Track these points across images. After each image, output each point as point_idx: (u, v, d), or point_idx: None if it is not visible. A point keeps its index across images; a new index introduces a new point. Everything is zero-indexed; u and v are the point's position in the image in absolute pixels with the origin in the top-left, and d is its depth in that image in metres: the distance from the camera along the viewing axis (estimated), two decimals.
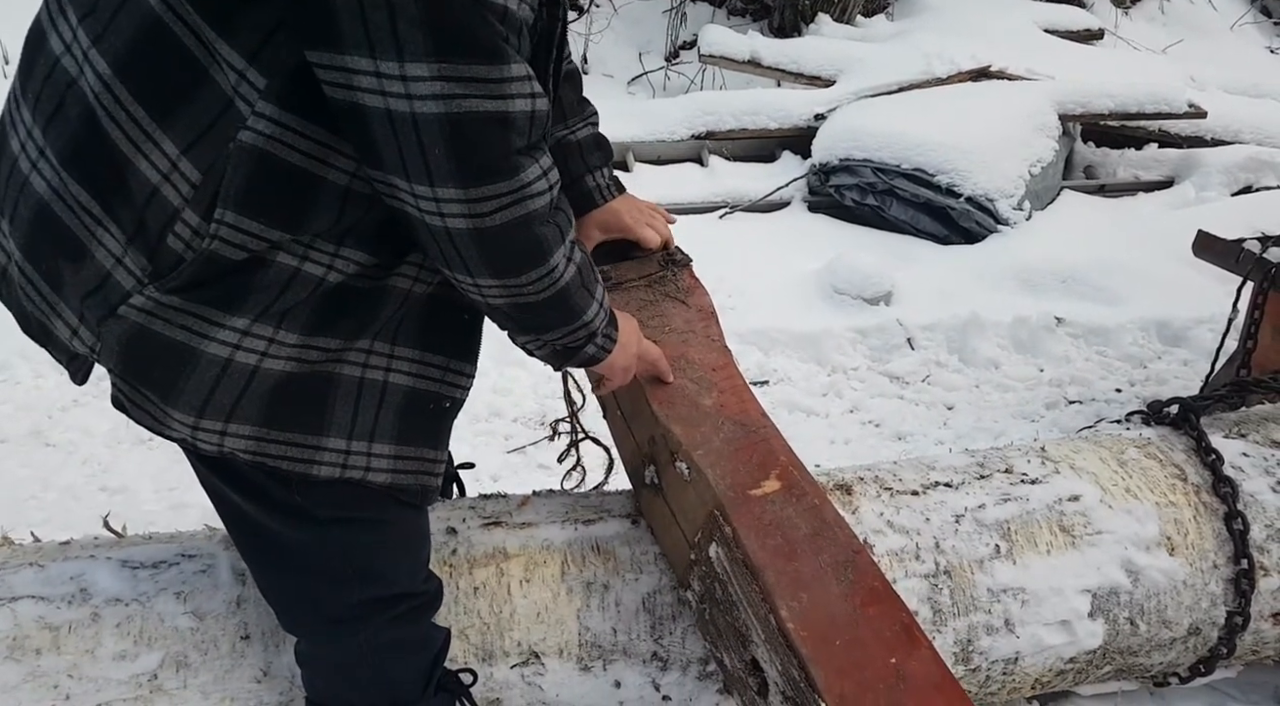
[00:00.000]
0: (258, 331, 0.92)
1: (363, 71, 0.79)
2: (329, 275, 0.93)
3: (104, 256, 0.90)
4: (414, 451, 1.07)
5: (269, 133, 0.85)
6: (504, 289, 0.95)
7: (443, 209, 0.86)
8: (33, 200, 0.92)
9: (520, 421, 2.59)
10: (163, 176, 0.87)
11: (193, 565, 1.30)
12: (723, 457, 1.25)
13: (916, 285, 3.22)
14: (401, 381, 1.04)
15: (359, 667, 1.15)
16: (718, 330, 1.42)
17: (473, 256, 0.90)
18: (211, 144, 0.85)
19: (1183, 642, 1.52)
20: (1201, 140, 4.33)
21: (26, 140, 0.93)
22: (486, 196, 0.86)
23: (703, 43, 4.55)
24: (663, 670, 1.36)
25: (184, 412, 0.94)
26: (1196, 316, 3.04)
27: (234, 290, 0.90)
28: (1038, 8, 5.40)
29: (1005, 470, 1.53)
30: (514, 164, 0.87)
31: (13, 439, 2.41)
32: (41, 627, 1.21)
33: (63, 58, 0.90)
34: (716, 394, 1.33)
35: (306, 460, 0.99)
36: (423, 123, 0.81)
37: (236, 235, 0.88)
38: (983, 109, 3.88)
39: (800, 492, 1.23)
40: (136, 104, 0.85)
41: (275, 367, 0.94)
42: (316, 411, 0.98)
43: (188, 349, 0.91)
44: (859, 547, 1.19)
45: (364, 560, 1.10)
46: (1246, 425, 1.69)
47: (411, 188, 0.85)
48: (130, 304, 0.90)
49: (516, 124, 0.85)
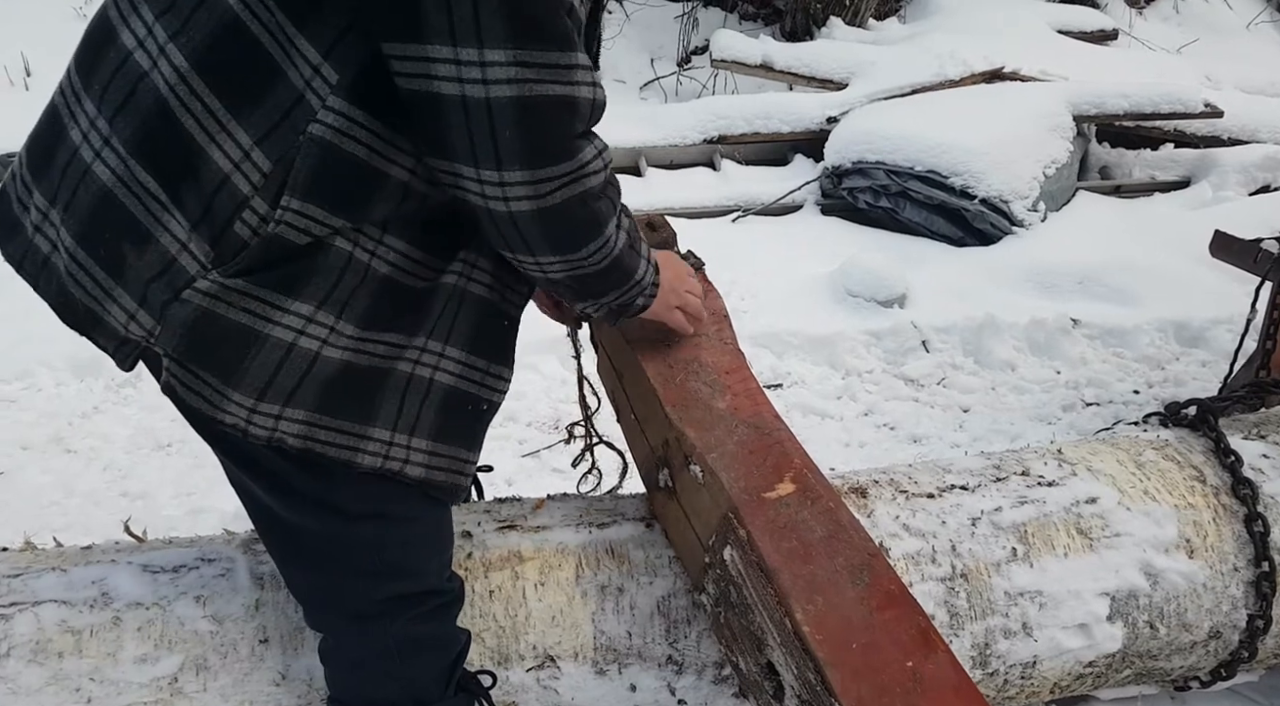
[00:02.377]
0: (321, 319, 0.96)
1: (442, 59, 0.85)
2: (373, 262, 0.97)
3: (169, 241, 0.93)
4: (448, 450, 1.11)
5: (337, 126, 0.90)
6: (565, 263, 1.02)
7: (507, 192, 0.92)
8: (95, 187, 0.95)
9: (534, 425, 2.60)
10: (234, 165, 0.91)
11: (212, 569, 1.31)
12: (736, 460, 1.25)
13: (931, 287, 3.21)
14: (446, 380, 1.08)
15: (382, 665, 1.16)
16: (730, 333, 1.42)
17: (535, 236, 0.97)
18: (283, 135, 0.90)
19: (1203, 646, 1.51)
20: (1218, 140, 4.29)
21: (89, 130, 0.96)
22: (550, 177, 0.92)
23: (714, 47, 4.55)
24: (678, 673, 1.36)
25: (244, 394, 0.96)
26: (1214, 317, 3.01)
27: (296, 274, 0.94)
28: (1051, 9, 5.38)
29: (1022, 472, 1.52)
30: (575, 146, 0.94)
31: (35, 445, 2.44)
32: (64, 631, 1.22)
33: (135, 52, 0.94)
34: (730, 397, 1.33)
35: (352, 448, 1.02)
36: (496, 107, 0.87)
37: (301, 220, 0.92)
38: (996, 110, 3.86)
39: (815, 495, 1.23)
40: (213, 96, 0.90)
41: (334, 356, 0.98)
42: (366, 401, 1.02)
43: (252, 332, 0.94)
44: (875, 550, 1.19)
45: (392, 556, 1.12)
46: (1266, 426, 1.68)
47: (478, 174, 0.91)
48: (195, 288, 0.93)
49: (580, 109, 0.92)
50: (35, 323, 2.74)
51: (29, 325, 2.72)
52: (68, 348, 2.68)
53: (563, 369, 2.75)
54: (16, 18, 4.59)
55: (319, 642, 1.21)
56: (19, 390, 2.63)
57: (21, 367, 2.68)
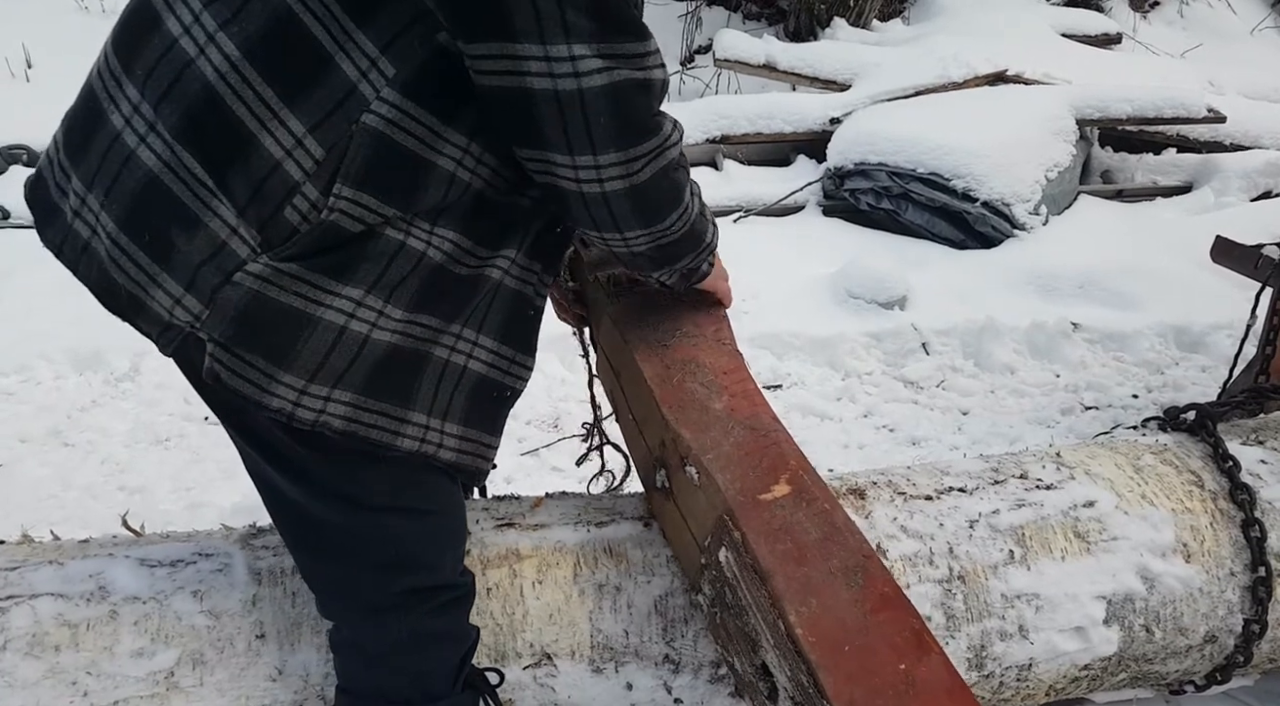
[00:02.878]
0: (370, 303, 0.98)
1: (532, 57, 0.90)
2: (429, 251, 1.00)
3: (219, 226, 0.94)
4: (475, 435, 1.14)
5: (390, 117, 0.93)
6: (649, 235, 1.09)
7: (603, 174, 0.98)
8: (140, 172, 0.95)
9: (534, 424, 2.60)
10: (286, 152, 0.93)
11: (209, 564, 1.31)
12: (732, 462, 1.25)
13: (932, 290, 3.21)
14: (478, 367, 1.11)
15: (394, 657, 1.16)
16: (729, 333, 1.42)
17: (625, 213, 1.03)
18: (335, 125, 0.92)
19: (1199, 650, 1.51)
20: (1220, 145, 4.30)
21: (133, 115, 0.96)
22: (640, 155, 0.99)
23: (718, 47, 4.55)
24: (674, 673, 1.36)
25: (295, 376, 0.97)
26: (1215, 322, 3.01)
27: (347, 260, 0.96)
28: (1054, 12, 5.38)
29: (1020, 475, 1.52)
30: (658, 122, 1.01)
31: (33, 438, 2.44)
32: (61, 625, 1.22)
33: (181, 39, 0.95)
34: (727, 397, 1.33)
35: (393, 431, 1.05)
36: (589, 97, 0.92)
37: (355, 209, 0.94)
38: (999, 113, 3.87)
39: (810, 497, 1.23)
40: (265, 84, 0.92)
41: (383, 339, 1.00)
42: (407, 385, 1.05)
43: (304, 315, 0.96)
44: (869, 552, 1.19)
45: (410, 548, 1.14)
46: (1265, 431, 1.68)
47: (573, 160, 0.96)
48: (246, 270, 0.94)
49: (656, 89, 0.99)
50: (35, 317, 2.76)
51: (28, 319, 2.72)
52: (67, 341, 2.69)
53: (563, 368, 2.75)
54: (17, 10, 4.60)
55: (329, 632, 1.21)
56: (18, 383, 2.63)
57: (20, 361, 2.68)
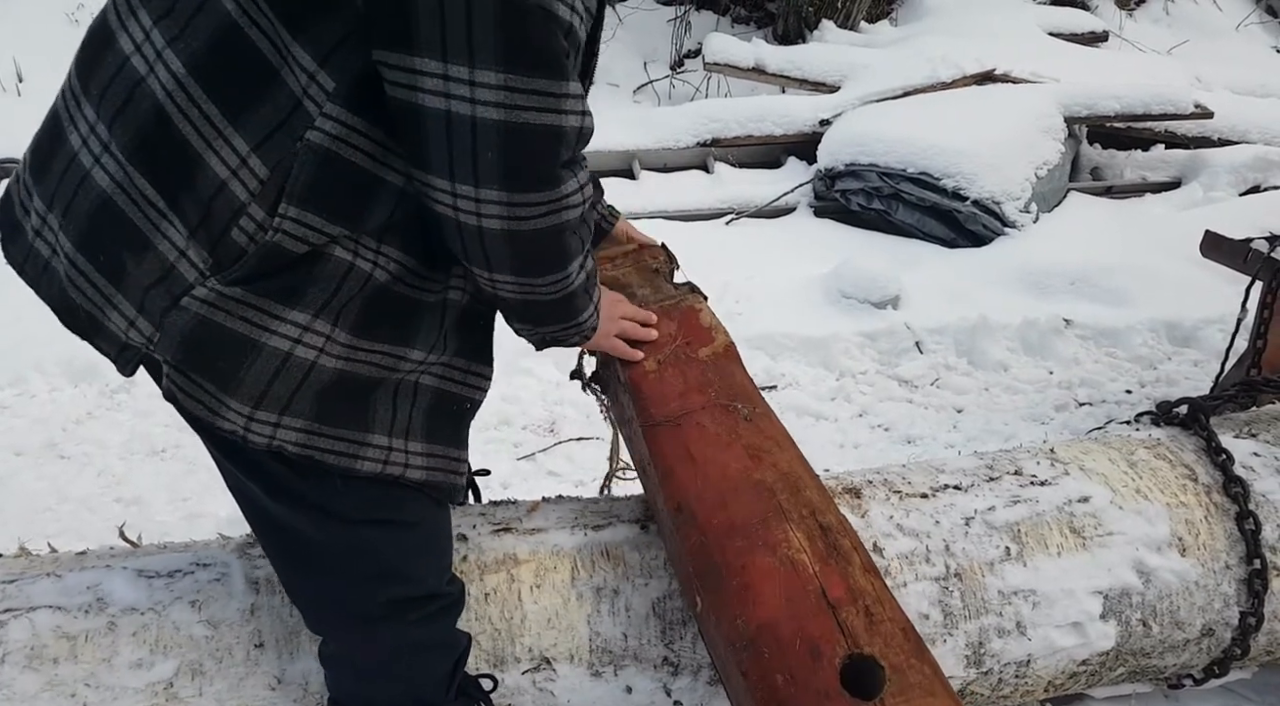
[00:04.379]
0: (317, 328, 0.96)
1: (431, 73, 0.84)
2: (375, 272, 0.97)
3: (167, 249, 0.93)
4: (441, 450, 1.12)
5: (335, 133, 0.89)
6: (519, 286, 1.01)
7: (482, 209, 0.91)
8: (94, 193, 0.95)
9: (529, 429, 2.60)
10: (231, 172, 0.90)
11: (207, 574, 1.31)
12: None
13: (924, 288, 3.22)
14: (434, 383, 1.09)
15: (384, 668, 1.16)
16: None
17: (499, 255, 0.96)
18: (280, 142, 0.89)
19: (1196, 644, 1.52)
20: (1208, 140, 4.32)
21: (89, 135, 0.96)
22: (528, 203, 0.92)
23: (707, 51, 4.57)
24: (674, 675, 1.36)
25: (241, 402, 0.96)
26: (1206, 317, 3.03)
27: (294, 283, 0.94)
28: (1042, 11, 5.41)
29: (1015, 472, 1.53)
30: (557, 176, 0.92)
31: (28, 451, 2.44)
32: (59, 637, 1.22)
33: (132, 57, 0.93)
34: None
35: (352, 455, 1.03)
36: (481, 127, 0.85)
37: (299, 229, 0.91)
38: (988, 112, 3.88)
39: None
40: (210, 102, 0.89)
41: (330, 364, 0.98)
42: (362, 409, 1.03)
43: (249, 341, 0.94)
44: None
45: (392, 560, 1.13)
46: (1257, 425, 1.69)
47: (454, 187, 0.90)
48: (193, 295, 0.93)
49: (566, 138, 0.90)
50: (29, 328, 2.75)
51: (22, 331, 2.71)
52: (62, 353, 2.68)
53: (558, 372, 2.75)
54: (9, 23, 4.59)
55: (319, 646, 1.21)
56: (12, 396, 2.62)
57: (15, 373, 2.67)
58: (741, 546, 1.15)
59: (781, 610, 1.08)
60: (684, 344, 1.42)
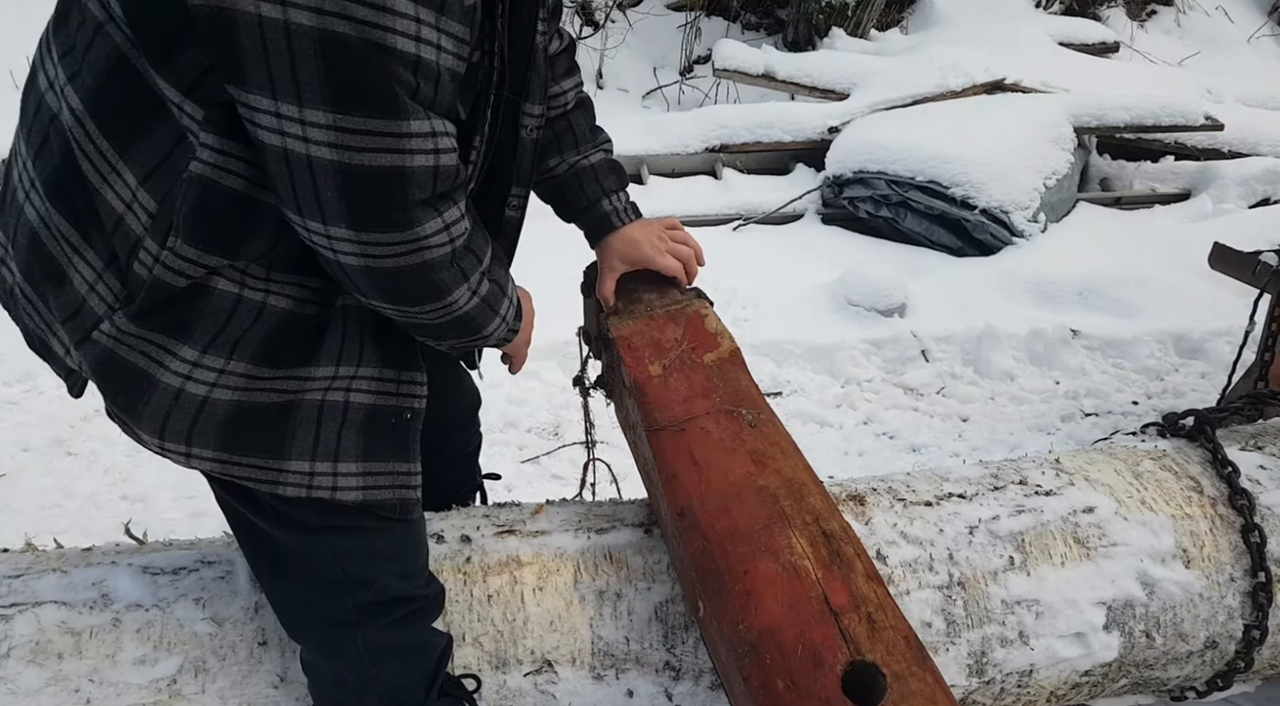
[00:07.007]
0: (208, 363, 0.94)
1: (264, 110, 0.81)
2: (270, 300, 0.96)
3: (79, 283, 0.94)
4: (385, 466, 1.08)
5: (213, 162, 0.87)
6: (399, 313, 0.99)
7: (335, 245, 0.88)
8: (26, 228, 0.98)
9: (534, 432, 2.61)
10: (126, 206, 0.90)
11: (212, 572, 1.32)
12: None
13: (931, 297, 3.22)
14: (363, 400, 1.05)
15: (358, 672, 1.15)
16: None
17: (365, 286, 0.93)
18: (166, 175, 0.88)
19: (1199, 656, 1.51)
20: (1218, 152, 4.31)
21: (22, 172, 0.99)
22: (379, 243, 0.88)
23: (717, 57, 4.58)
24: (675, 680, 1.36)
25: (148, 433, 0.98)
26: (1214, 329, 3.02)
27: (182, 317, 0.93)
28: (1053, 20, 5.41)
29: (1019, 481, 1.53)
30: (410, 217, 0.88)
31: (36, 448, 2.45)
32: (64, 632, 1.23)
33: (46, 94, 0.95)
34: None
35: (271, 480, 1.01)
36: (318, 167, 0.83)
37: (177, 261, 0.90)
38: (997, 121, 3.89)
39: None
40: (102, 137, 0.90)
41: (225, 397, 0.96)
42: (276, 436, 1.00)
43: (146, 376, 0.95)
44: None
45: (354, 568, 1.11)
46: (1264, 437, 1.68)
47: (305, 222, 0.88)
48: (100, 329, 0.94)
49: (416, 178, 0.86)
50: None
51: None
52: None
53: (563, 375, 2.76)
54: (17, 20, 4.62)
55: (299, 652, 1.21)
56: (21, 392, 2.64)
57: (23, 370, 2.69)
58: (744, 552, 1.15)
59: (784, 616, 1.08)
60: (689, 349, 1.42)
